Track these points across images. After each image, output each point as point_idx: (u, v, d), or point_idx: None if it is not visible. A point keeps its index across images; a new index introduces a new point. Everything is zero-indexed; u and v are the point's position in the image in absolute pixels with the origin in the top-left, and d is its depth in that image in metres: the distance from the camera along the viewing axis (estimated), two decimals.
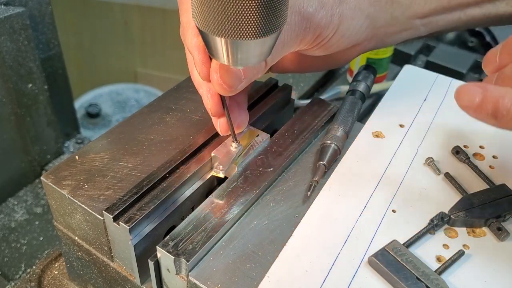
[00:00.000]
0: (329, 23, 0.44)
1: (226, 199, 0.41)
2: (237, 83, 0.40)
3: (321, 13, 0.43)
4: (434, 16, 0.53)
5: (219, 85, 0.40)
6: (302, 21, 0.42)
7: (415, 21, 0.52)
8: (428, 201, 0.42)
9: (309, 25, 0.43)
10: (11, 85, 0.67)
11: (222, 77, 0.40)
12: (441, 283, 0.35)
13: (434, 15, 0.52)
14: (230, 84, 0.40)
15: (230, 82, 0.40)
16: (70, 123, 0.85)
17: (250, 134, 0.47)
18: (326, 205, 0.41)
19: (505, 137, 0.49)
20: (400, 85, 0.55)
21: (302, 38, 0.43)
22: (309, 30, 0.43)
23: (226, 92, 0.41)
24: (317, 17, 0.43)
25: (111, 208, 0.38)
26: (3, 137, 0.70)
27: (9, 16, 0.63)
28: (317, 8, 0.43)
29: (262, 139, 0.46)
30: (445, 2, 0.52)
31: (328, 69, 0.83)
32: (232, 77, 0.40)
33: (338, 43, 0.47)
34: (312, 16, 0.43)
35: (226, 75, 0.40)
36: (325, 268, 0.36)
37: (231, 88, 0.40)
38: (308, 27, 0.43)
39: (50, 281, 0.51)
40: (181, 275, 0.37)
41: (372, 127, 0.50)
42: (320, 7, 0.43)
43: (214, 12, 0.32)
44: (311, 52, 0.48)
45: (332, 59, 0.52)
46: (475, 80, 0.83)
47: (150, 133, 0.48)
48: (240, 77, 0.40)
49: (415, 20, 0.52)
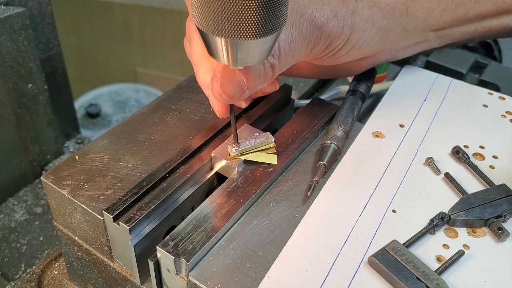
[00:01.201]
0: (340, 33, 0.44)
1: (226, 199, 0.41)
2: (238, 93, 0.39)
3: (332, 23, 0.43)
4: (449, 28, 0.51)
5: (219, 95, 0.39)
6: (314, 30, 0.42)
7: (430, 34, 0.51)
8: (428, 201, 0.42)
9: (320, 34, 0.43)
10: (11, 85, 0.67)
11: (222, 86, 0.39)
12: (441, 283, 0.35)
13: (449, 28, 0.51)
14: (230, 94, 0.39)
15: (231, 92, 0.39)
16: (70, 123, 0.85)
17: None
18: (326, 205, 0.41)
19: (505, 137, 0.49)
20: (400, 85, 0.55)
21: (312, 46, 0.43)
22: (320, 39, 0.43)
23: (226, 101, 0.40)
24: (329, 27, 0.43)
25: (111, 208, 0.38)
26: (3, 137, 0.70)
27: (9, 16, 0.63)
28: (329, 18, 0.43)
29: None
30: (461, 14, 0.50)
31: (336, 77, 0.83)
32: (234, 86, 0.39)
33: (348, 54, 0.47)
34: (324, 25, 0.42)
35: (227, 84, 0.39)
36: (325, 268, 0.36)
37: (231, 98, 0.39)
38: (319, 36, 0.43)
39: (50, 281, 0.51)
40: (181, 275, 0.37)
41: (372, 127, 0.50)
42: (332, 17, 0.43)
43: (214, 12, 0.32)
44: (320, 62, 0.48)
45: (343, 69, 0.52)
46: (475, 80, 0.83)
47: (150, 133, 0.48)
48: (243, 86, 0.39)
49: (430, 33, 0.51)
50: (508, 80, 0.80)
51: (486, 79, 0.81)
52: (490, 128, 0.50)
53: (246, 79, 0.39)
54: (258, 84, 0.41)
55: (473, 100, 0.54)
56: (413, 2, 0.48)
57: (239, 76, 0.39)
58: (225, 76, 0.38)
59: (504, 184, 0.43)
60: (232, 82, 0.39)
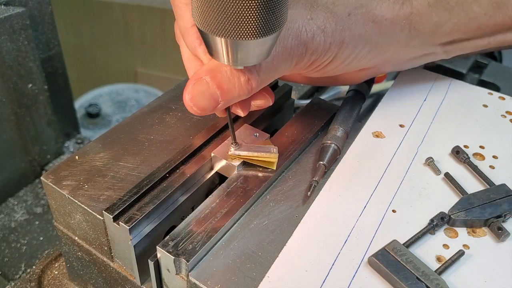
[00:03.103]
0: (327, 50, 0.42)
1: (226, 199, 0.41)
2: (211, 106, 0.38)
3: (318, 39, 0.41)
4: (459, 43, 0.49)
5: (190, 107, 0.38)
6: (299, 45, 0.40)
7: (436, 48, 0.49)
8: (428, 201, 0.42)
9: (305, 50, 0.41)
10: (11, 85, 0.67)
11: (193, 99, 0.38)
12: (441, 283, 0.35)
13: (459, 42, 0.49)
14: (202, 107, 0.38)
15: (202, 104, 0.38)
16: (70, 123, 0.85)
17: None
18: (326, 205, 0.41)
19: (505, 137, 0.49)
20: (400, 85, 0.55)
21: (296, 62, 0.41)
22: (305, 55, 0.41)
23: (198, 114, 0.39)
24: (314, 43, 0.41)
25: (111, 208, 0.38)
26: (3, 137, 0.70)
27: (9, 16, 0.63)
28: (315, 34, 0.41)
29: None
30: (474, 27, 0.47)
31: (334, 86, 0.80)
32: (205, 99, 0.38)
33: (337, 69, 0.45)
34: (309, 42, 0.40)
35: (198, 97, 0.38)
36: (325, 268, 0.36)
37: (203, 111, 0.39)
38: (304, 52, 0.41)
39: (50, 281, 0.51)
40: (181, 275, 0.37)
41: (372, 127, 0.50)
42: (319, 33, 0.41)
43: (214, 12, 0.32)
44: (309, 74, 0.46)
45: (340, 79, 0.50)
46: (475, 80, 0.83)
47: (150, 133, 0.48)
48: (216, 99, 0.38)
49: (437, 47, 0.49)
50: (508, 80, 0.80)
51: (486, 79, 0.81)
52: (490, 128, 0.50)
53: (220, 92, 0.38)
54: (234, 97, 0.39)
55: (473, 100, 0.54)
56: (419, 16, 0.45)
57: (212, 88, 0.38)
58: (196, 89, 0.37)
59: (504, 184, 0.43)
60: (203, 95, 0.38)
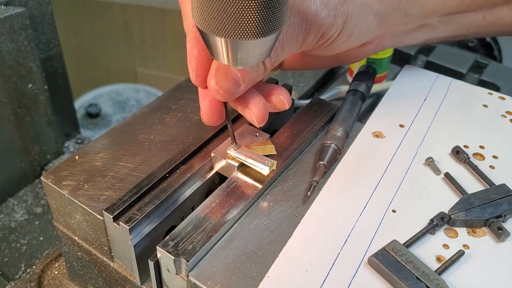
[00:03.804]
0: (333, 23, 0.42)
1: (226, 199, 0.41)
2: (234, 88, 0.39)
3: (323, 13, 0.41)
4: (455, 14, 0.49)
5: (216, 91, 0.39)
6: (302, 22, 0.40)
7: (433, 19, 0.49)
8: (428, 201, 0.42)
9: (310, 26, 0.41)
10: (11, 85, 0.67)
11: (218, 82, 0.39)
12: (441, 283, 0.35)
13: (455, 14, 0.49)
14: (227, 89, 0.39)
15: (227, 87, 0.39)
16: (70, 123, 0.85)
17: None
18: (326, 205, 0.41)
19: (505, 137, 0.49)
20: (400, 85, 0.55)
21: (303, 39, 0.41)
22: (311, 31, 0.41)
23: (223, 97, 0.40)
24: (319, 17, 0.41)
25: (111, 208, 0.38)
26: (3, 137, 0.70)
27: (9, 16, 0.63)
28: (319, 8, 0.41)
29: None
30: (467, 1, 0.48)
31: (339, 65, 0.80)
32: (230, 82, 0.39)
33: (345, 43, 0.45)
34: (314, 16, 0.41)
35: (223, 80, 0.38)
36: (325, 268, 0.36)
37: (228, 94, 0.39)
38: (309, 28, 0.41)
39: (50, 281, 0.51)
40: (181, 275, 0.37)
41: (372, 127, 0.50)
42: (323, 7, 0.41)
43: (214, 12, 0.32)
44: (317, 53, 0.46)
45: (343, 57, 0.50)
46: (475, 80, 0.83)
47: (150, 133, 0.48)
48: (238, 81, 0.39)
49: (433, 18, 0.49)
50: (508, 80, 0.80)
51: (486, 79, 0.81)
52: (490, 128, 0.50)
53: (240, 74, 0.39)
54: (253, 79, 0.40)
55: (473, 100, 0.54)
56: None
57: (233, 71, 0.39)
58: (219, 72, 0.38)
59: (504, 184, 0.43)
60: (227, 78, 0.38)
